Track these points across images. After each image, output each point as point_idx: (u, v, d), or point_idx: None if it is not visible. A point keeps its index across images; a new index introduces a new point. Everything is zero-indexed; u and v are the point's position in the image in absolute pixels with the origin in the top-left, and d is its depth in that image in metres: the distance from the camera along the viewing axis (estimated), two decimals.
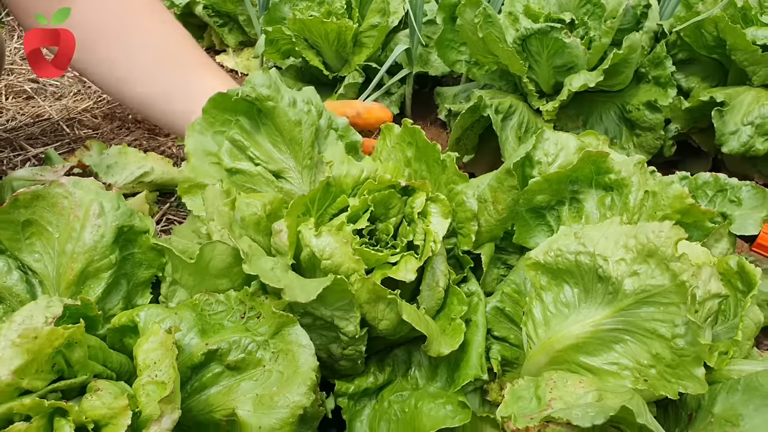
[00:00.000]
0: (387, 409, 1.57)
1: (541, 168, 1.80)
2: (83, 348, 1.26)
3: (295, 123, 1.79)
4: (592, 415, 1.11)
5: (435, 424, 1.48)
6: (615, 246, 1.45)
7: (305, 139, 1.80)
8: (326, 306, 1.45)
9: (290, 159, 1.82)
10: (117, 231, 1.45)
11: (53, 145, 3.06)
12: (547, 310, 1.55)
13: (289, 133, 1.79)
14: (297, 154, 1.81)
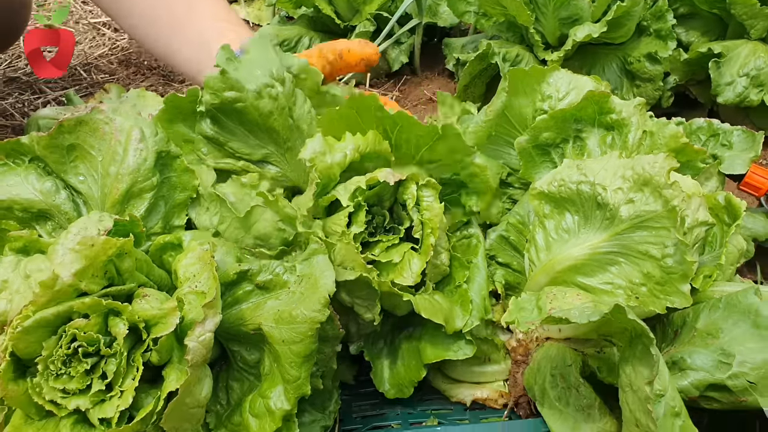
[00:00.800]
0: (398, 347, 1.72)
1: (551, 102, 1.92)
2: (132, 259, 1.40)
3: (267, 114, 1.72)
4: (588, 314, 1.26)
5: (438, 355, 1.63)
6: (613, 176, 1.58)
7: (280, 124, 1.76)
8: (349, 293, 1.59)
9: (271, 145, 1.79)
10: (157, 155, 1.57)
11: (72, 88, 3.15)
12: (549, 236, 1.68)
13: (264, 125, 1.74)
14: (276, 140, 1.79)
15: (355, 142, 1.73)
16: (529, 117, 1.95)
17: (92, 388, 1.27)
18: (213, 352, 1.55)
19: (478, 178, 1.78)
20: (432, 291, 1.70)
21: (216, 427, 1.49)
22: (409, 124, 1.74)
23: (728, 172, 1.93)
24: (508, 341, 1.80)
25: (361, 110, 1.75)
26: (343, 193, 1.68)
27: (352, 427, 1.74)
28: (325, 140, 1.71)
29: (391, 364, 1.70)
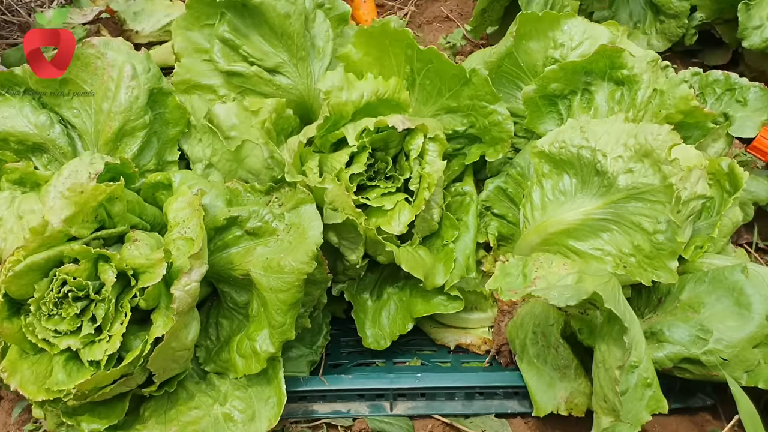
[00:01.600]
0: (386, 300, 1.75)
1: (563, 51, 1.85)
2: (122, 202, 1.41)
3: (284, 16, 1.74)
4: (567, 297, 1.27)
5: (428, 309, 1.66)
6: (615, 143, 1.54)
7: (296, 30, 1.77)
8: (337, 235, 1.58)
9: (284, 53, 1.80)
10: (149, 93, 1.54)
11: None
12: (545, 196, 1.67)
13: (280, 28, 1.75)
14: (290, 47, 1.79)
15: (375, 85, 1.70)
16: (539, 64, 1.88)
17: (82, 330, 1.31)
18: (203, 291, 1.58)
19: (498, 127, 1.74)
20: (418, 245, 1.71)
21: (205, 362, 1.55)
22: (440, 64, 1.71)
23: (737, 135, 1.88)
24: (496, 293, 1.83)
25: (393, 41, 1.73)
26: (351, 132, 1.67)
27: (339, 362, 1.80)
28: (346, 76, 1.68)
29: (375, 316, 1.73)
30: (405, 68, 1.80)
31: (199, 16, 1.80)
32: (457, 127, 1.82)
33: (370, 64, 1.84)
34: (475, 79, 1.72)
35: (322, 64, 1.87)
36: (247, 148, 1.60)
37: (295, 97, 1.85)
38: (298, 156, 1.66)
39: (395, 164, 1.74)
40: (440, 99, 1.82)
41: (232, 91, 1.85)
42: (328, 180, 1.61)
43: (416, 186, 1.66)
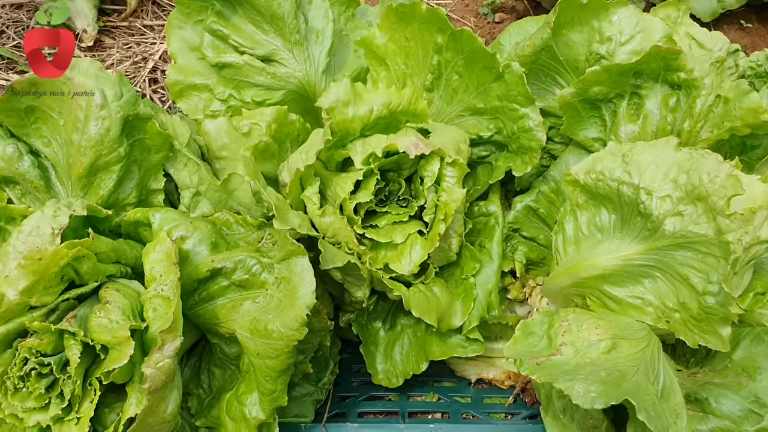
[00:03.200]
0: (400, 332, 1.57)
1: (609, 47, 1.57)
2: (91, 260, 1.26)
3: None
4: (593, 396, 1.08)
5: (445, 352, 1.49)
6: (664, 178, 1.30)
7: (286, 11, 1.58)
8: (341, 271, 1.41)
9: (276, 38, 1.62)
10: (123, 122, 1.36)
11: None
12: (579, 230, 1.45)
13: (268, 10, 1.58)
14: (282, 30, 1.61)
15: (387, 96, 1.49)
16: (581, 59, 1.61)
17: (50, 408, 1.20)
18: (193, 337, 1.46)
19: (528, 134, 1.51)
20: (434, 278, 1.51)
21: (197, 414, 1.43)
22: (472, 49, 1.49)
23: None
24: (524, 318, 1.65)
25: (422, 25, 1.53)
26: (358, 154, 1.47)
27: (348, 394, 1.67)
28: (353, 87, 1.47)
29: (387, 349, 1.57)
30: (432, 59, 1.58)
31: (190, 11, 1.65)
32: (482, 132, 1.60)
33: (395, 52, 1.63)
34: (508, 75, 1.49)
35: (322, 48, 1.68)
36: (235, 181, 1.42)
37: (294, 86, 1.68)
38: (297, 180, 1.47)
39: (410, 185, 1.54)
40: (466, 97, 1.59)
41: (227, 87, 1.68)
42: (329, 212, 1.43)
43: (431, 217, 1.46)
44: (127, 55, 2.48)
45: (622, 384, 1.12)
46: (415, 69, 1.64)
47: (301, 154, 1.47)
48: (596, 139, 1.60)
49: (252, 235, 1.41)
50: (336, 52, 1.74)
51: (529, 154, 1.52)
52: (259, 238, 1.40)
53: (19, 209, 1.34)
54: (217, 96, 1.68)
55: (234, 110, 1.68)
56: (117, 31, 2.61)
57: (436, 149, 1.42)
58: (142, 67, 2.45)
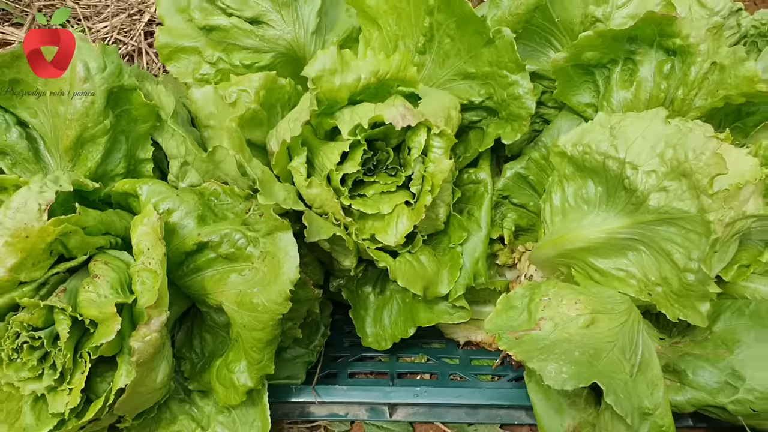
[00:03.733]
0: (389, 297, 1.59)
1: (606, 9, 1.54)
2: (79, 234, 1.28)
3: None
4: (564, 378, 1.10)
5: (431, 319, 1.51)
6: (650, 152, 1.29)
7: None
8: (329, 241, 1.41)
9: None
10: (107, 94, 1.35)
11: None
12: (566, 201, 1.44)
13: None
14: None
15: (375, 64, 1.47)
16: (576, 21, 1.58)
17: (44, 378, 1.24)
18: (185, 305, 1.49)
19: (517, 102, 1.49)
20: (422, 246, 1.53)
21: (190, 378, 1.48)
22: (462, 13, 1.47)
23: None
24: (512, 284, 1.67)
25: None
26: (345, 123, 1.46)
27: (339, 355, 1.72)
28: (340, 54, 1.46)
29: (377, 313, 1.60)
30: (424, 21, 1.56)
31: None
32: (473, 97, 1.58)
33: (386, 13, 1.61)
34: (498, 40, 1.47)
35: (312, 8, 1.66)
36: (220, 153, 1.42)
37: (284, 48, 1.67)
38: (284, 151, 1.47)
39: (398, 153, 1.53)
40: (458, 61, 1.57)
41: (216, 50, 1.68)
42: (315, 183, 1.43)
43: (418, 188, 1.46)
44: (123, 7, 2.44)
45: (595, 363, 1.15)
46: (408, 30, 1.61)
47: (289, 123, 1.47)
48: (589, 104, 1.58)
49: (239, 205, 1.42)
50: (327, 11, 1.71)
51: (518, 121, 1.51)
52: (246, 209, 1.41)
53: (10, 179, 1.35)
54: (206, 59, 1.67)
55: (223, 73, 1.68)
56: None
57: (423, 120, 1.41)
58: (137, 20, 2.42)
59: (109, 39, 2.38)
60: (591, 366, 1.13)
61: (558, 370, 1.12)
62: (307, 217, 1.34)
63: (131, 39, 2.38)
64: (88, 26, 2.41)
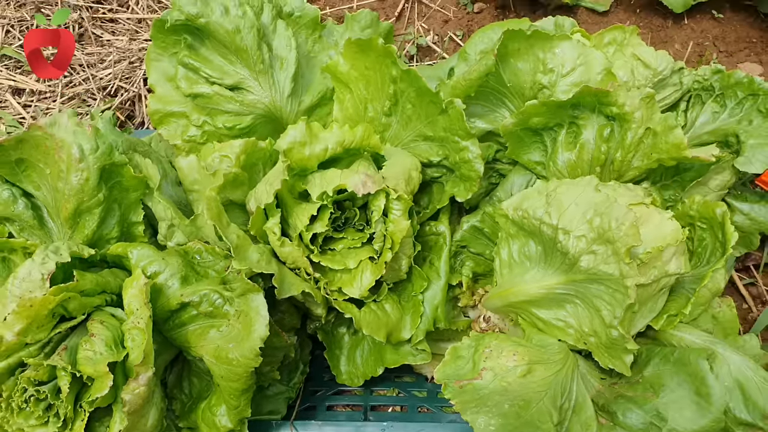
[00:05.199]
0: (361, 339, 1.76)
1: (551, 78, 1.68)
2: (77, 299, 1.46)
3: (233, 32, 1.72)
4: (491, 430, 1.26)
5: (397, 360, 1.68)
6: (581, 218, 1.44)
7: (249, 44, 1.74)
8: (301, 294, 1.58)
9: (243, 68, 1.77)
10: (100, 171, 1.53)
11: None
12: (512, 257, 1.60)
13: (232, 44, 1.74)
14: (247, 61, 1.76)
15: (341, 135, 1.65)
16: (526, 87, 1.72)
17: (49, 425, 1.43)
18: (174, 352, 1.67)
19: (468, 165, 1.65)
20: (387, 295, 1.69)
21: (180, 416, 1.66)
22: (418, 88, 1.64)
23: (743, 169, 1.68)
24: (474, 323, 1.83)
25: (378, 57, 1.68)
26: (316, 187, 1.63)
27: (319, 388, 1.89)
28: (308, 127, 1.63)
29: (350, 353, 1.77)
30: (389, 88, 1.72)
31: (165, 45, 1.81)
32: (432, 157, 1.74)
33: (357, 78, 1.78)
34: (451, 110, 1.62)
35: (287, 74, 1.83)
36: (200, 220, 1.60)
37: (262, 111, 1.84)
38: (261, 213, 1.64)
39: (365, 211, 1.70)
40: (419, 125, 1.74)
41: (201, 114, 1.85)
42: (287, 243, 1.60)
43: (380, 245, 1.62)
44: (124, 55, 2.62)
45: (523, 414, 1.31)
46: (375, 95, 1.78)
47: (266, 186, 1.64)
48: (539, 162, 1.73)
49: (220, 263, 1.59)
50: (303, 74, 1.88)
51: (469, 182, 1.66)
52: (226, 266, 1.59)
53: (18, 242, 1.55)
54: (193, 122, 1.85)
55: (209, 135, 1.85)
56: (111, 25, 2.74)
57: (382, 187, 1.57)
58: (137, 67, 2.60)
59: (111, 86, 2.56)
60: (518, 417, 1.30)
61: (487, 422, 1.28)
62: (277, 278, 1.51)
63: (132, 85, 2.57)
64: (92, 73, 2.59)
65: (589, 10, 2.54)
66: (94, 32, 2.71)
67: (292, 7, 1.88)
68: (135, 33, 2.72)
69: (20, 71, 2.63)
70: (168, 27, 1.76)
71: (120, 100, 2.55)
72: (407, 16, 2.68)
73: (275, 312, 1.65)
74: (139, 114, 2.56)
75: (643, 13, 2.52)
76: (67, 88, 2.59)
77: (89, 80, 2.58)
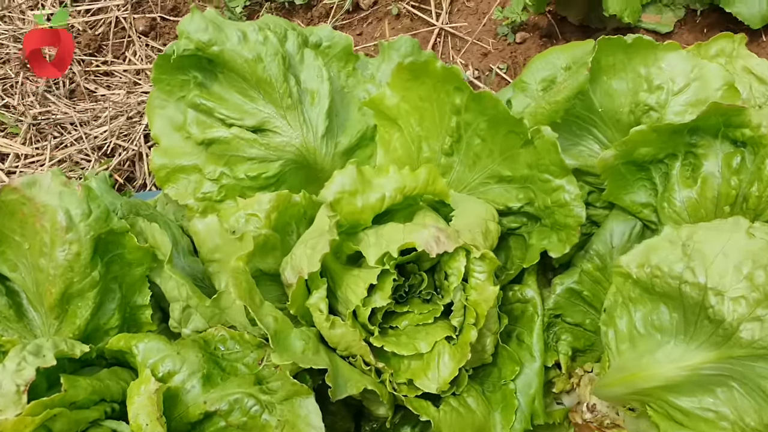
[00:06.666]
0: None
1: (660, 97, 1.35)
2: (65, 417, 1.08)
3: (254, 61, 1.40)
4: None
5: None
6: (735, 275, 1.08)
7: (273, 74, 1.42)
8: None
9: (267, 105, 1.45)
10: (94, 242, 1.18)
11: None
12: (634, 328, 1.23)
13: (253, 75, 1.41)
14: (272, 96, 1.44)
15: (400, 180, 1.31)
16: (623, 110, 1.39)
17: None
18: None
19: (564, 210, 1.31)
20: (467, 385, 1.31)
21: None
22: (495, 113, 1.31)
23: None
24: (572, 413, 1.44)
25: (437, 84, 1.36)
26: (372, 247, 1.27)
27: None
28: (359, 173, 1.30)
29: None
30: (450, 121, 1.40)
31: (171, 89, 1.49)
32: (510, 203, 1.40)
33: (407, 113, 1.45)
34: (538, 141, 1.30)
35: (320, 109, 1.50)
36: (226, 300, 1.23)
37: (292, 155, 1.50)
38: (302, 285, 1.28)
39: (433, 275, 1.34)
40: (491, 163, 1.40)
41: (218, 165, 1.51)
42: (338, 323, 1.23)
43: (459, 320, 1.26)
44: (121, 110, 2.30)
45: None
46: (432, 131, 1.45)
47: (305, 249, 1.28)
48: (645, 204, 1.38)
49: (251, 354, 1.23)
50: (338, 111, 1.55)
51: (566, 231, 1.31)
52: (259, 359, 1.22)
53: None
54: (208, 176, 1.50)
55: (227, 189, 1.50)
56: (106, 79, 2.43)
57: (461, 244, 1.21)
58: (137, 122, 2.28)
59: (108, 144, 2.23)
60: None
61: None
62: (331, 374, 1.13)
63: (131, 143, 2.24)
64: (86, 132, 2.26)
65: (650, 32, 2.24)
66: (87, 87, 2.40)
67: (320, 37, 1.58)
68: (133, 85, 2.41)
69: (3, 134, 2.30)
70: (174, 62, 1.43)
71: (118, 160, 2.22)
72: (440, 51, 2.37)
73: (325, 415, 1.26)
74: (140, 175, 2.22)
75: (710, 33, 2.22)
76: (57, 150, 2.26)
77: (82, 140, 2.25)
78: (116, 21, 2.54)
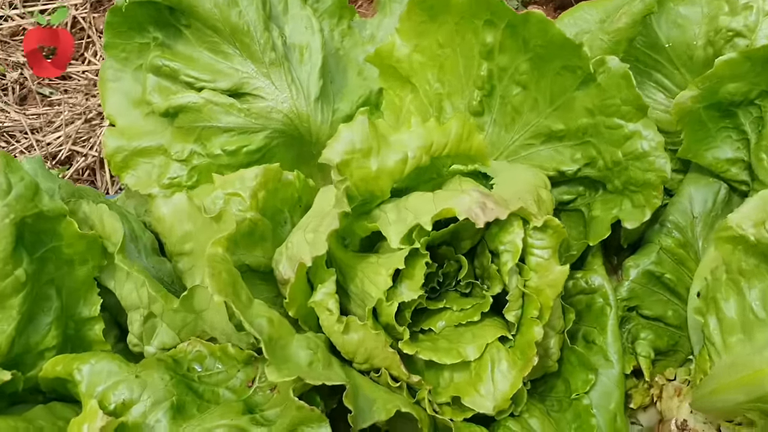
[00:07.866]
0: None
1: (749, 18, 1.11)
2: None
3: (226, 4, 1.13)
4: None
5: None
6: None
7: (251, 21, 1.14)
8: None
9: (246, 62, 1.17)
10: (17, 229, 0.85)
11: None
12: (749, 311, 0.92)
13: (226, 23, 1.14)
14: (251, 49, 1.16)
15: (425, 136, 0.99)
16: (697, 44, 1.12)
17: None
18: None
19: (641, 162, 1.02)
20: (528, 402, 0.99)
21: None
22: (546, 48, 1.03)
23: None
24: None
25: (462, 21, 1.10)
26: (394, 224, 0.96)
27: None
28: (372, 126, 0.98)
29: None
30: (479, 69, 1.13)
31: (127, 55, 1.23)
32: (563, 166, 1.11)
33: (423, 66, 1.19)
34: (602, 76, 1.02)
35: (311, 67, 1.22)
36: (201, 297, 0.91)
37: (280, 124, 1.21)
38: (302, 278, 0.96)
39: (473, 260, 1.02)
40: (535, 118, 1.13)
41: (187, 142, 1.23)
42: (355, 325, 0.91)
43: (516, 314, 0.94)
44: (79, 112, 2.00)
45: None
46: (455, 86, 1.18)
47: (306, 234, 0.97)
48: (732, 160, 1.10)
49: (237, 374, 0.91)
50: (333, 78, 1.27)
51: (644, 192, 1.02)
52: (249, 379, 0.90)
53: None
54: (175, 157, 1.21)
55: (200, 171, 1.21)
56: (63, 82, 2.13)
57: (516, 209, 0.90)
58: (98, 125, 1.97)
59: (63, 151, 1.92)
60: None
61: None
62: (350, 395, 0.81)
63: (91, 149, 1.92)
64: (37, 139, 1.95)
65: None
66: (39, 92, 2.09)
67: None
68: (93, 87, 2.10)
69: None
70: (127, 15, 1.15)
71: (75, 168, 1.90)
72: None
73: None
74: (102, 185, 1.90)
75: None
76: None
77: (33, 148, 1.93)
78: (73, 21, 2.26)
